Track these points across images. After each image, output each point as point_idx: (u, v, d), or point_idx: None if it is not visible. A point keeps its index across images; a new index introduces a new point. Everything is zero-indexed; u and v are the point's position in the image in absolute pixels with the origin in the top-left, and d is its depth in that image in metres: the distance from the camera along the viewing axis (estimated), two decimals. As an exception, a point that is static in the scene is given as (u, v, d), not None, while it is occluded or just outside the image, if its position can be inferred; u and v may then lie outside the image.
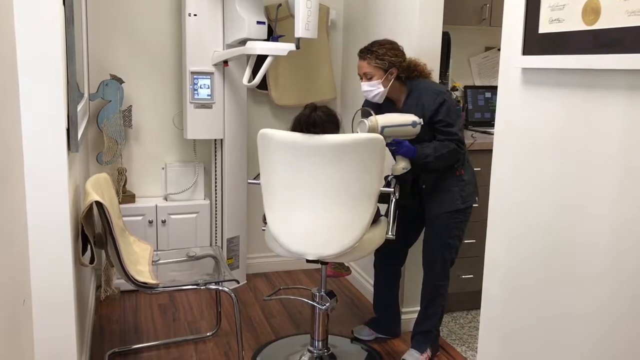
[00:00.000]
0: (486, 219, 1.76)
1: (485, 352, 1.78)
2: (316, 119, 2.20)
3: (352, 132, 2.50)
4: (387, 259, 2.76)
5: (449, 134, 2.42)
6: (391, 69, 2.44)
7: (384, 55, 2.43)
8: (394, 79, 2.46)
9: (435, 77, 2.78)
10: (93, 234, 2.22)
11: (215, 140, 3.39)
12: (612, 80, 1.29)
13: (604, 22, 1.27)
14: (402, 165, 2.43)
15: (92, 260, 2.19)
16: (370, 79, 2.45)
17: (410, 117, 2.39)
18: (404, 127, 2.38)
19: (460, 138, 2.45)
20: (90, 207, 2.06)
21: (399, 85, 2.51)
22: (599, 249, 1.34)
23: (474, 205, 2.59)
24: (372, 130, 2.30)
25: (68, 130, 1.85)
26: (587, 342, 1.39)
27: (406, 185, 2.57)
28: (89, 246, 2.14)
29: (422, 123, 2.40)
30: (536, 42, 1.47)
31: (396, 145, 2.37)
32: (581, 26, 1.33)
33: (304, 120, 2.21)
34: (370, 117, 2.33)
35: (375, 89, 2.46)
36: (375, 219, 2.39)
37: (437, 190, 2.55)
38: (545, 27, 1.44)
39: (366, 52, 2.47)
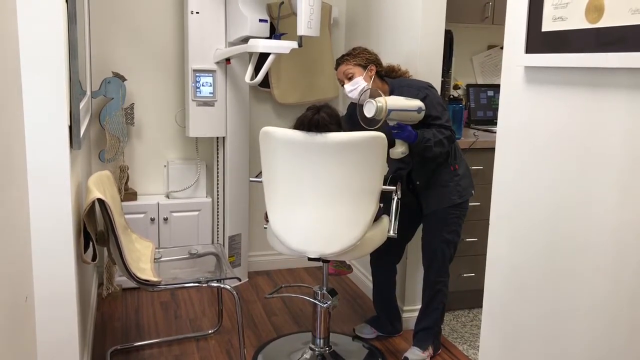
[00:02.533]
0: (488, 218, 1.75)
1: (487, 350, 1.78)
2: (319, 121, 2.19)
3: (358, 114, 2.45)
4: (383, 256, 2.76)
5: (440, 127, 2.43)
6: (369, 65, 2.51)
7: (359, 54, 2.54)
8: (374, 75, 2.51)
9: (438, 75, 2.78)
10: (95, 231, 2.22)
11: (217, 138, 3.39)
12: (616, 79, 1.28)
13: (607, 20, 1.27)
14: (401, 150, 2.42)
15: (94, 258, 2.19)
16: (351, 79, 2.50)
17: (416, 102, 2.37)
18: (409, 112, 2.36)
19: (450, 127, 2.45)
20: (93, 205, 2.06)
21: (380, 84, 2.55)
22: (601, 248, 1.34)
23: (470, 202, 2.59)
24: (379, 111, 2.26)
25: (70, 127, 1.85)
26: (588, 340, 1.39)
27: (401, 182, 2.57)
28: (91, 244, 2.14)
29: (425, 110, 2.39)
30: (539, 40, 1.47)
31: (399, 129, 2.36)
32: (584, 24, 1.33)
33: (307, 122, 2.20)
34: (379, 98, 2.28)
35: (358, 85, 2.48)
36: (377, 217, 2.38)
37: (433, 186, 2.55)
38: (548, 25, 1.44)
39: (342, 57, 2.58)
